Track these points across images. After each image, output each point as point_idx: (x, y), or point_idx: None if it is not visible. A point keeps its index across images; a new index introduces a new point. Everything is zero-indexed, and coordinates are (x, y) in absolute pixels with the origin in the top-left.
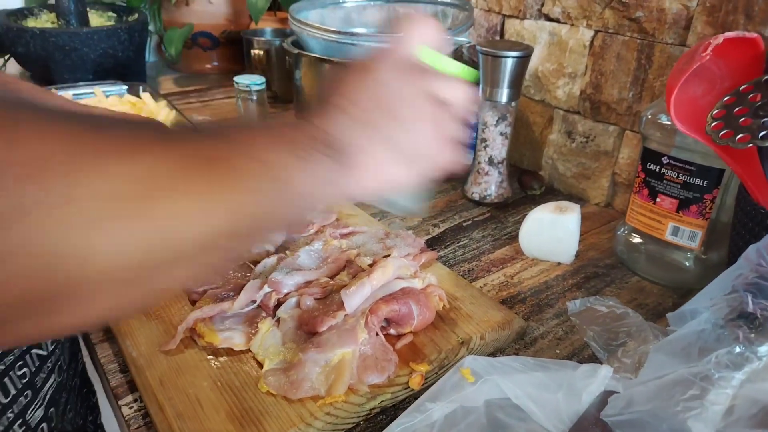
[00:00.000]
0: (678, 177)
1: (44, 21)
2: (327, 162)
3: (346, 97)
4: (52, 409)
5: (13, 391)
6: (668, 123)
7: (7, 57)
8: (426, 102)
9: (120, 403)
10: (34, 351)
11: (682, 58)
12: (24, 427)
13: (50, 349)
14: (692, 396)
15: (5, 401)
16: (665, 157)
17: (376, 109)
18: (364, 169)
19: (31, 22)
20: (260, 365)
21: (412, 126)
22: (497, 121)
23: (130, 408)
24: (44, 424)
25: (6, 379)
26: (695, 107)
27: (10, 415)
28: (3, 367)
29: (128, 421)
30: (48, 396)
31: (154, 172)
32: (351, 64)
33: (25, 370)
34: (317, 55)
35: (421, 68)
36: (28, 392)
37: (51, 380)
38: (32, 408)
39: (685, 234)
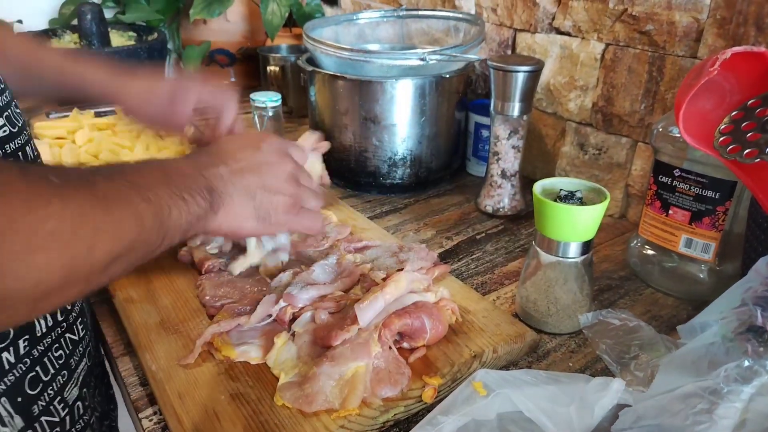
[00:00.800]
0: (690, 189)
1: (67, 42)
2: (201, 200)
3: (234, 154)
4: (84, 390)
5: (52, 371)
6: (679, 136)
7: None
8: (288, 179)
9: (140, 415)
10: (67, 335)
11: (690, 73)
12: (63, 404)
13: (81, 334)
14: (701, 410)
15: (46, 379)
16: (677, 170)
17: (250, 173)
18: (226, 212)
19: (55, 43)
20: (276, 379)
21: (270, 193)
22: (509, 134)
23: (150, 420)
24: (79, 403)
25: (45, 359)
26: (704, 121)
27: (50, 392)
28: (42, 348)
29: None
30: (81, 377)
31: (72, 216)
32: (241, 135)
33: (60, 352)
34: (331, 72)
35: (290, 155)
36: (65, 372)
37: (83, 363)
38: (69, 387)
39: (698, 246)
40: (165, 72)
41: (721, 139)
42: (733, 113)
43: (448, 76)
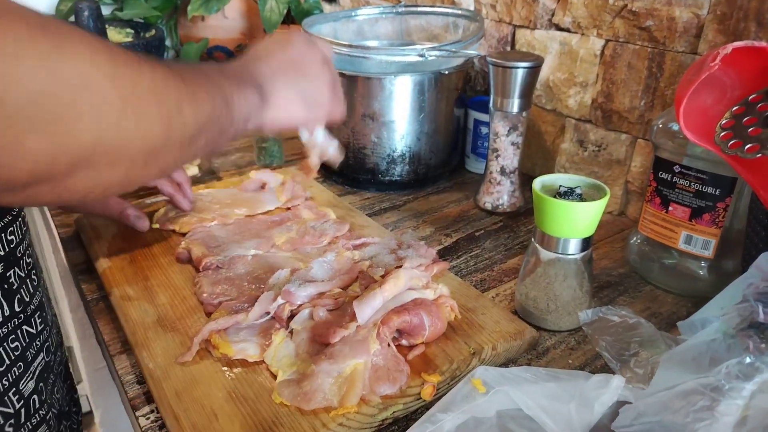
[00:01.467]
0: (690, 186)
1: None
2: (253, 94)
3: (269, 54)
4: (41, 384)
5: (7, 361)
6: (679, 132)
7: None
8: (323, 65)
9: (137, 414)
10: (24, 327)
11: (691, 68)
12: (18, 396)
13: (38, 328)
14: (702, 407)
15: (1, 369)
16: (677, 166)
17: (289, 65)
18: (276, 104)
19: None
20: (274, 376)
21: (313, 80)
22: (508, 131)
23: (147, 419)
24: (35, 396)
25: (1, 349)
26: (705, 117)
27: (5, 382)
28: (0, 335)
29: None
30: (37, 372)
31: (160, 78)
32: (271, 37)
33: (17, 343)
34: None
35: (319, 44)
36: (20, 364)
37: (40, 358)
38: (24, 379)
39: (698, 243)
40: None
41: (722, 134)
42: (734, 108)
43: (447, 72)
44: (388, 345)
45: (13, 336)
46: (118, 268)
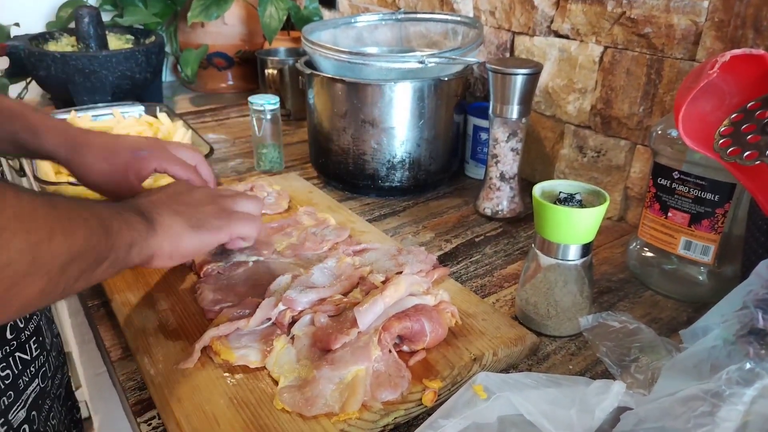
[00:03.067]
0: (689, 191)
1: (65, 45)
2: (138, 221)
3: (151, 192)
4: (34, 413)
5: None
6: (678, 138)
7: (28, 80)
8: (207, 195)
9: (138, 420)
10: (17, 354)
11: (689, 76)
12: (6, 426)
13: (34, 354)
14: (703, 413)
15: None
16: (676, 172)
17: (168, 198)
18: (163, 231)
19: (52, 46)
20: (275, 382)
21: (198, 206)
22: (508, 137)
23: (149, 425)
24: (26, 426)
25: None
26: (704, 123)
27: None
28: None
29: None
30: (30, 399)
31: (28, 205)
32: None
33: (8, 371)
34: (329, 75)
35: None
36: (11, 393)
37: (34, 384)
38: (15, 409)
39: (697, 248)
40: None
41: (721, 141)
42: (733, 115)
43: (446, 79)
44: (390, 351)
45: (4, 364)
46: (119, 274)
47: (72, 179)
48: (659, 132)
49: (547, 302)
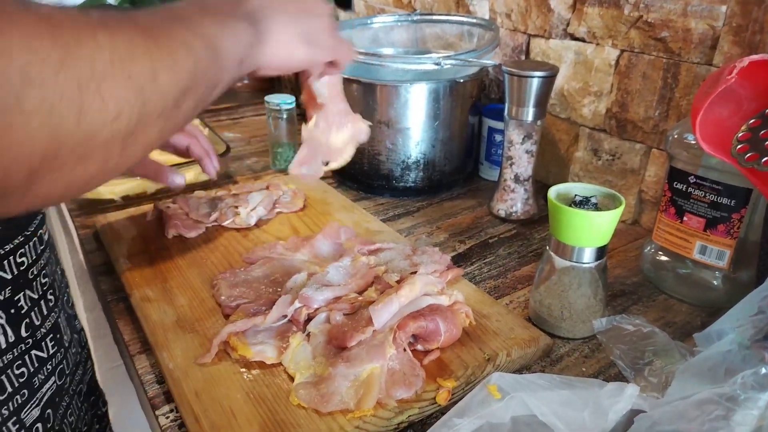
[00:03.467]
0: (705, 196)
1: None
2: (246, 31)
3: None
4: (49, 411)
5: (9, 389)
6: (695, 142)
7: None
8: (323, 2)
9: (157, 413)
10: (33, 352)
11: (707, 81)
12: (18, 425)
13: (51, 352)
14: (718, 416)
15: (1, 398)
16: (692, 177)
17: (288, 2)
18: (274, 41)
19: None
20: (291, 378)
21: (314, 16)
22: (523, 139)
23: (167, 418)
24: (39, 424)
25: (3, 377)
26: (721, 129)
27: (5, 412)
28: (2, 365)
29: (165, 431)
30: (46, 397)
31: (124, 45)
32: None
33: (23, 369)
34: (346, 76)
35: None
36: (25, 391)
37: (50, 382)
38: (28, 407)
39: (713, 253)
40: None
41: (739, 146)
42: (751, 121)
43: (462, 80)
44: (404, 350)
45: (19, 362)
46: (137, 269)
47: None
48: (675, 136)
49: (560, 304)
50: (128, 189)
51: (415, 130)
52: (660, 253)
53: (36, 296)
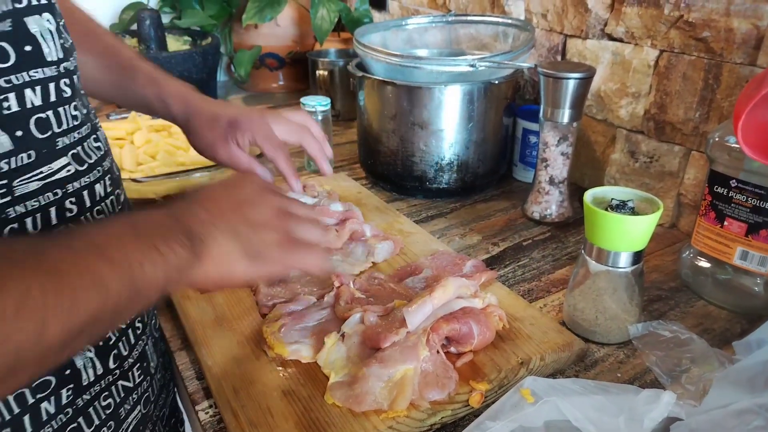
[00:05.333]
0: (747, 201)
1: None
2: (181, 251)
3: (208, 198)
4: None
5: (96, 422)
6: (736, 146)
7: None
8: (275, 213)
9: (197, 408)
10: (120, 383)
11: (751, 83)
12: None
13: (137, 381)
14: (756, 427)
15: (87, 431)
16: (733, 180)
17: (231, 211)
18: (209, 258)
19: None
20: (326, 378)
21: (258, 228)
22: (558, 141)
23: (206, 413)
24: None
25: (90, 409)
26: (764, 132)
27: None
28: (89, 397)
29: (204, 426)
30: (131, 427)
31: (6, 297)
32: (217, 181)
33: (110, 401)
34: (380, 78)
35: (277, 192)
36: (111, 423)
37: (136, 412)
38: None
39: (754, 259)
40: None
41: None
42: None
43: (496, 82)
44: (437, 352)
45: (107, 393)
46: None
47: (135, 176)
48: (716, 139)
49: (595, 309)
50: (168, 189)
51: (449, 132)
52: (699, 258)
53: (124, 325)
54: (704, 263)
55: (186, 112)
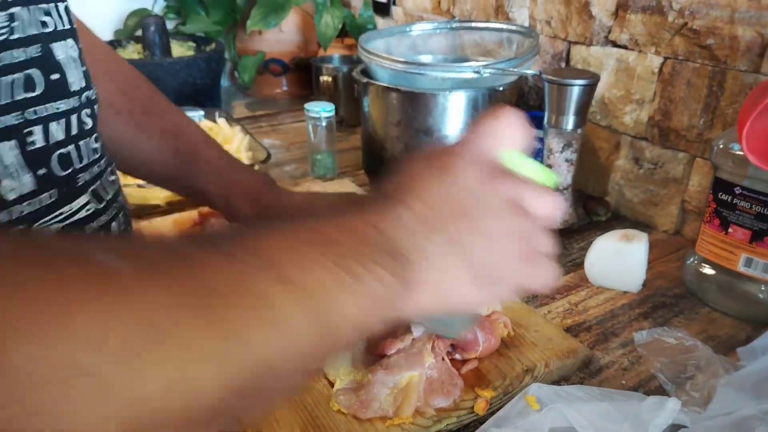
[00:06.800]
0: (751, 207)
1: (131, 52)
2: (385, 276)
3: (416, 193)
4: None
5: None
6: (740, 153)
7: None
8: (511, 213)
9: None
10: None
11: (755, 90)
12: None
13: None
14: None
15: None
16: (738, 187)
17: (451, 214)
18: (425, 284)
19: (120, 54)
20: (331, 384)
21: (491, 239)
22: (563, 147)
23: None
24: None
25: None
26: None
27: None
28: None
29: None
30: None
31: (135, 325)
32: (424, 155)
33: None
34: (385, 84)
35: (505, 173)
36: None
37: None
38: None
39: (759, 266)
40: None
41: None
42: None
43: (501, 88)
44: (443, 359)
45: None
46: None
47: (139, 181)
48: (720, 146)
49: None
50: (172, 195)
51: (454, 138)
52: (703, 264)
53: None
54: (709, 270)
55: (260, 215)
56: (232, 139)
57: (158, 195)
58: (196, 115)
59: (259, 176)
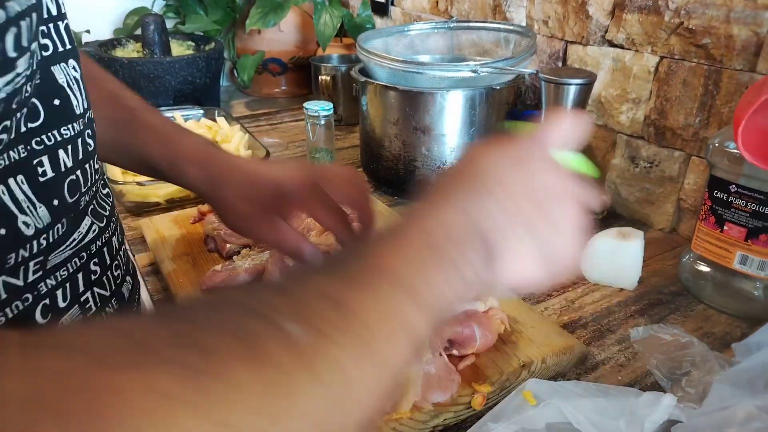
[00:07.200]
0: (746, 205)
1: (131, 51)
2: (476, 262)
3: (501, 181)
4: None
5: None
6: (736, 151)
7: None
8: (573, 204)
9: None
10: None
11: (751, 89)
12: None
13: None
14: (756, 429)
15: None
16: (733, 185)
17: (528, 201)
18: (504, 264)
19: (119, 52)
20: None
21: (557, 224)
22: None
23: None
24: None
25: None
26: (764, 138)
27: None
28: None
29: None
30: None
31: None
32: (495, 146)
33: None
34: (383, 83)
35: (564, 169)
36: None
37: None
38: None
39: (754, 263)
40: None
41: None
42: None
43: (498, 87)
44: (440, 354)
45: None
46: (182, 271)
47: (139, 179)
48: (716, 144)
49: None
50: (172, 192)
51: (451, 137)
52: (699, 262)
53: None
54: (704, 267)
55: (209, 178)
56: (231, 137)
57: (158, 193)
58: (196, 113)
59: (202, 139)
